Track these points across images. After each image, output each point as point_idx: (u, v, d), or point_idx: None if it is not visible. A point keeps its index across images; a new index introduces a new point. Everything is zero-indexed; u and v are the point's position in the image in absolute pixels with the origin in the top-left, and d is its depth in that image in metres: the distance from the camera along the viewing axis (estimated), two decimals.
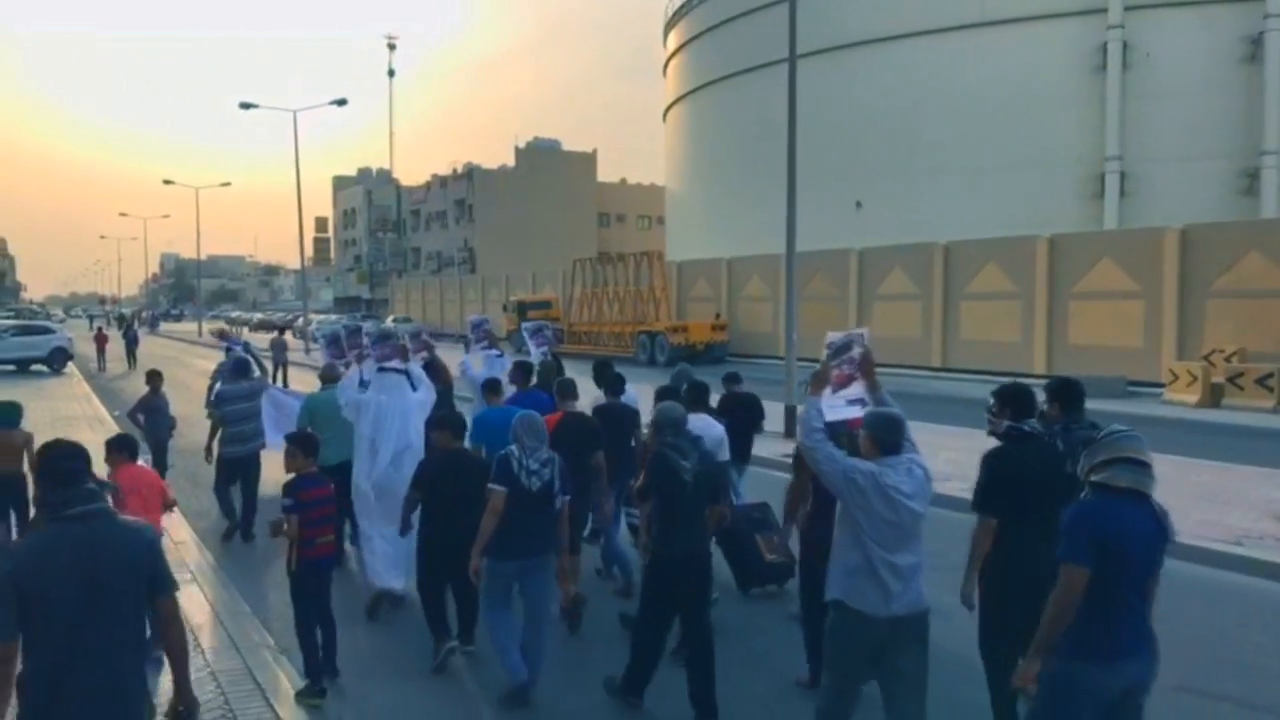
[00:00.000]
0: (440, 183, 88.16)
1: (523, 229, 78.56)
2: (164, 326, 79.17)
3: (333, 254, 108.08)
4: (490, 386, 8.81)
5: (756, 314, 37.55)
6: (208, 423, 11.39)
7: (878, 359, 5.58)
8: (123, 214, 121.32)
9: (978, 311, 29.54)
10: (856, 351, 5.55)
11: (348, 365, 9.09)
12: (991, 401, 5.54)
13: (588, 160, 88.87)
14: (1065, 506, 4.21)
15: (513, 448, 6.02)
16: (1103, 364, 24.61)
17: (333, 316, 62.43)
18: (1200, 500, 11.24)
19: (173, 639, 3.74)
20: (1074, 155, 35.53)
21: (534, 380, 9.64)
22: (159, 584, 3.61)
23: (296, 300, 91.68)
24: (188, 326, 75.45)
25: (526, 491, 5.91)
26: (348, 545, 9.30)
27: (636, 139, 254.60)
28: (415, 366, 8.83)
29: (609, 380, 8.77)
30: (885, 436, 4.72)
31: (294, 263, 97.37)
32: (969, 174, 37.09)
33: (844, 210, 39.92)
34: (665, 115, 61.41)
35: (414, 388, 8.37)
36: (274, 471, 8.65)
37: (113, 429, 16.99)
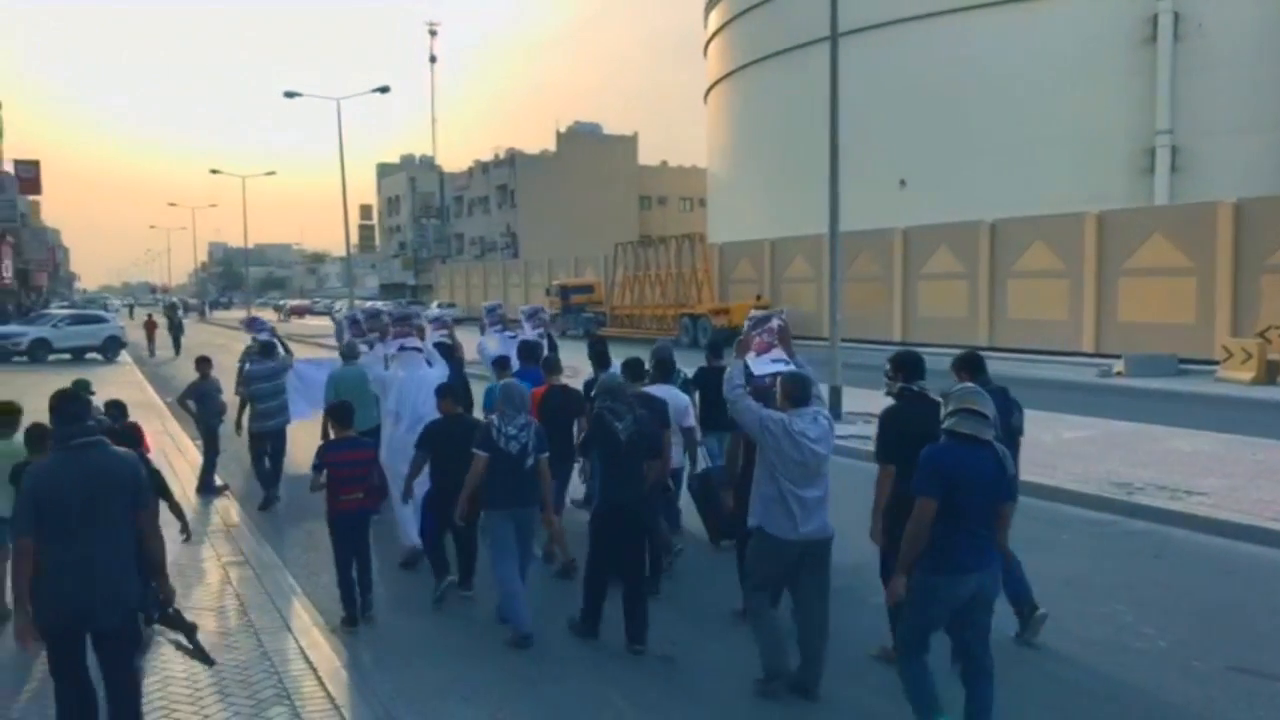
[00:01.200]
0: (482, 168, 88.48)
1: (565, 213, 78.66)
2: (214, 314, 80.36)
3: (378, 241, 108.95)
4: (500, 363, 9.66)
5: (800, 295, 37.35)
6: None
7: (922, 338, 6.32)
8: (172, 204, 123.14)
9: (1025, 290, 29.16)
10: (775, 323, 7.00)
11: (370, 345, 10.04)
12: (888, 367, 6.23)
13: (629, 143, 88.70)
14: None
15: (494, 416, 6.91)
16: (1154, 342, 24.22)
17: (378, 303, 62.95)
18: (1257, 479, 11.03)
19: (150, 546, 4.88)
20: (1123, 130, 34.85)
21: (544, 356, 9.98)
22: (140, 500, 4.81)
23: (343, 287, 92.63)
24: (237, 314, 76.59)
25: (506, 454, 6.73)
26: None
27: (678, 121, 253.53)
28: (430, 345, 9.74)
29: (597, 356, 9.63)
30: (795, 392, 5.75)
31: (340, 250, 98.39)
32: (1015, 150, 36.52)
33: (888, 189, 39.54)
34: (706, 96, 61.14)
35: (429, 364, 9.32)
36: (302, 439, 9.05)
37: (165, 414, 17.26)
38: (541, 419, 7.42)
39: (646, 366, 8.42)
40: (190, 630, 5.55)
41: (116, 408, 7.92)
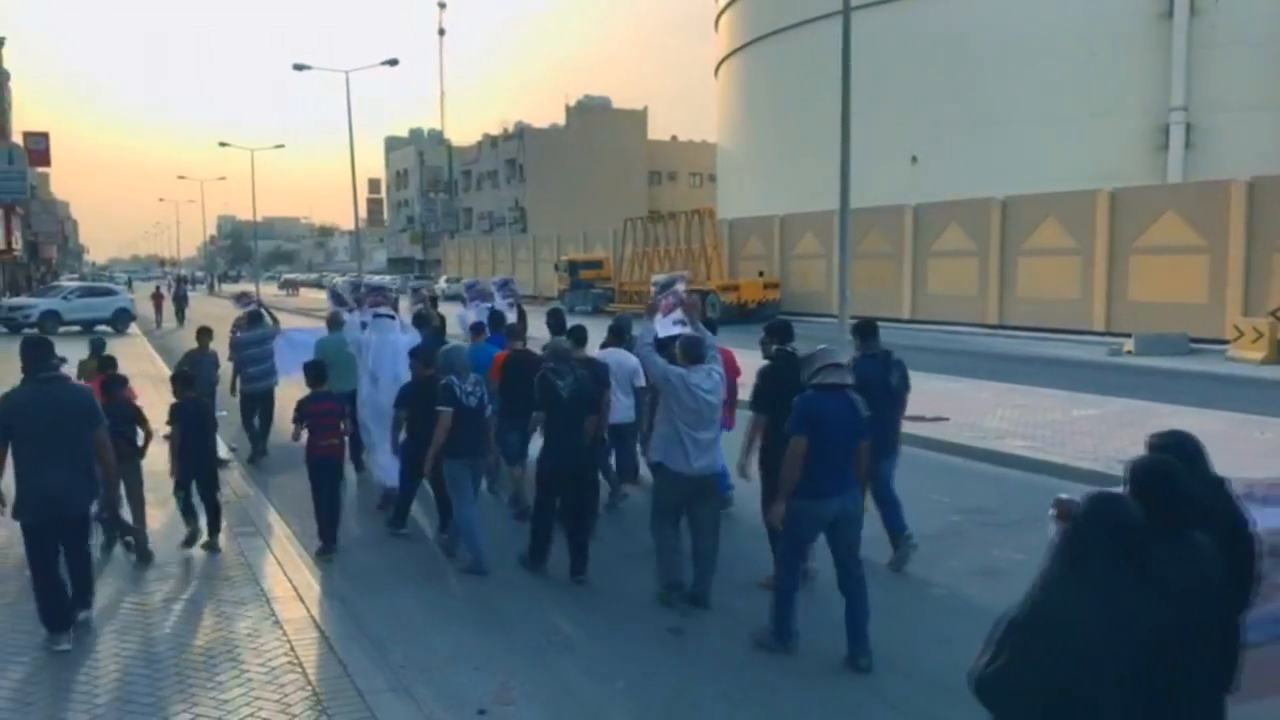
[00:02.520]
0: (491, 143, 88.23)
1: (573, 188, 78.45)
2: (222, 288, 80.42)
3: (386, 215, 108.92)
4: (475, 330, 10.79)
5: (809, 272, 37.27)
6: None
7: (932, 316, 6.89)
8: (181, 177, 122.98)
9: (1036, 268, 29.03)
10: (679, 288, 8.30)
11: (350, 311, 11.15)
12: (763, 334, 7.56)
13: (638, 118, 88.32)
14: None
15: (453, 377, 7.81)
16: (1165, 321, 24.13)
17: (381, 276, 62.98)
18: (1266, 457, 11.01)
19: (102, 457, 6.36)
20: (1137, 106, 34.53)
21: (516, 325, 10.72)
22: (92, 421, 6.30)
23: (351, 261, 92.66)
24: (244, 288, 76.59)
25: (466, 408, 7.76)
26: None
27: (688, 95, 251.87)
28: (395, 312, 10.92)
29: (555, 323, 10.45)
30: (691, 351, 6.81)
31: (348, 224, 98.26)
32: (1028, 127, 36.23)
33: (899, 166, 39.31)
34: (717, 71, 60.77)
35: (402, 330, 10.53)
36: (289, 400, 9.44)
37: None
38: (503, 380, 8.89)
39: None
40: (133, 531, 7.45)
41: (110, 362, 9.34)
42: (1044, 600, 3.04)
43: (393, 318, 10.59)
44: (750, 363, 8.40)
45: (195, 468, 8.30)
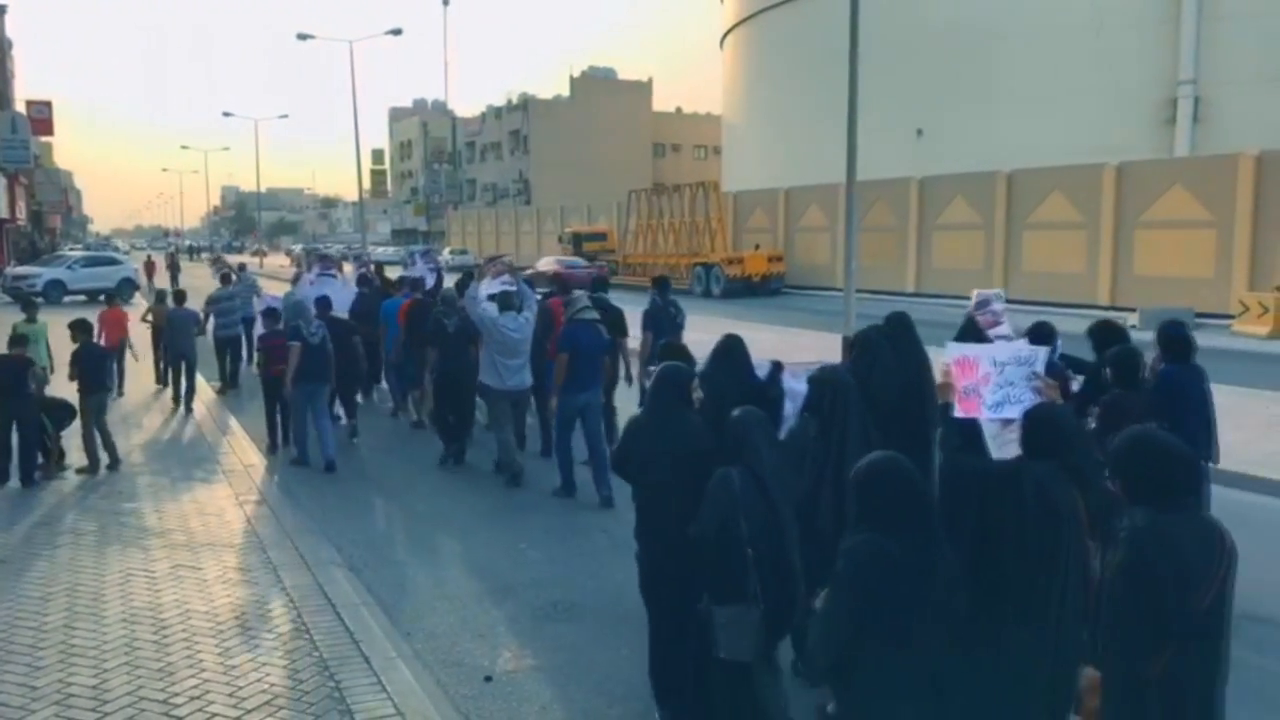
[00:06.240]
0: (495, 114, 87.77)
1: (578, 160, 78.06)
2: (226, 257, 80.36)
3: (389, 186, 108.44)
4: (412, 285, 13.49)
5: (814, 245, 37.13)
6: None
7: (936, 289, 7.07)
8: (184, 146, 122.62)
9: (1041, 242, 28.92)
10: (504, 261, 10.94)
11: (307, 271, 15.48)
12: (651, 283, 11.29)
13: (643, 89, 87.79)
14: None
15: (300, 321, 10.46)
16: (1170, 295, 24.03)
17: (387, 248, 62.91)
18: (1270, 431, 11.02)
19: (43, 401, 9.91)
20: (1145, 79, 34.23)
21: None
22: (26, 381, 9.52)
23: (355, 232, 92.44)
24: (247, 259, 76.51)
25: (311, 344, 10.31)
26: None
27: (693, 67, 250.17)
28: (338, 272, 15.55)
29: (461, 284, 12.03)
30: (504, 303, 9.47)
31: (352, 195, 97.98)
32: (1034, 100, 35.95)
33: (905, 139, 39.04)
34: (723, 42, 60.31)
35: (343, 286, 14.43)
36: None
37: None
38: (406, 321, 11.86)
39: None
40: (58, 457, 10.02)
41: (83, 328, 10.53)
42: None
43: (334, 276, 14.98)
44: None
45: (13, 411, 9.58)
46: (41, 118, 45.15)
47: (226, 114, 58.58)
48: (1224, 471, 9.44)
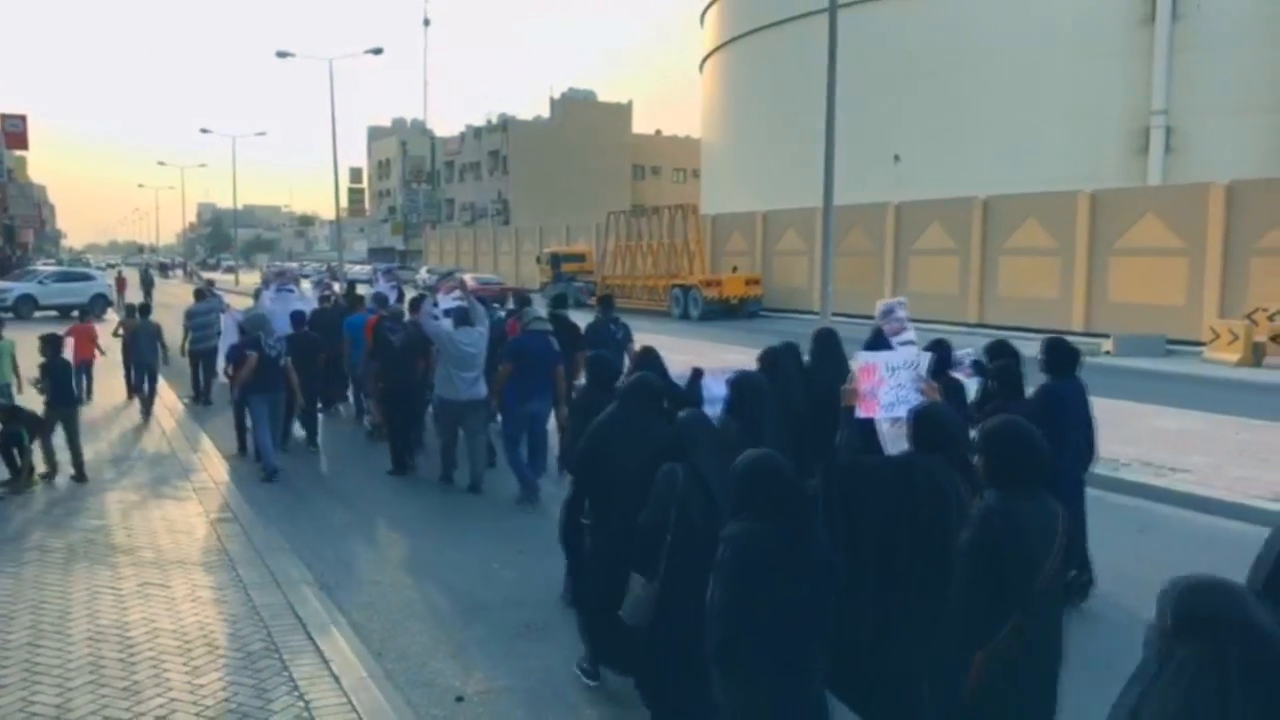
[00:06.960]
0: (474, 134, 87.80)
1: (557, 181, 78.17)
2: (201, 274, 79.86)
3: (367, 205, 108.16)
4: (378, 300, 14.04)
5: (792, 268, 37.29)
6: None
7: (915, 315, 7.94)
8: (161, 163, 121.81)
9: (1016, 267, 29.16)
10: (456, 279, 11.42)
11: (267, 287, 15.87)
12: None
13: (623, 111, 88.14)
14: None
15: (261, 333, 10.86)
16: (1143, 322, 24.29)
17: (365, 266, 62.70)
18: (1240, 457, 11.13)
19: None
20: (1119, 109, 34.71)
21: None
22: None
23: (331, 250, 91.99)
24: (221, 277, 76.08)
25: (269, 357, 10.75)
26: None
27: (673, 90, 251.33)
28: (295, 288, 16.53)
29: (413, 303, 12.48)
30: (460, 319, 9.94)
31: (329, 213, 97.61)
32: (1010, 128, 36.37)
33: (882, 164, 39.38)
34: (702, 66, 60.71)
35: (301, 299, 15.24)
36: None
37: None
38: (374, 338, 11.81)
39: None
40: (29, 473, 9.82)
41: (52, 343, 10.63)
42: None
43: (292, 290, 16.02)
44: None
45: None
46: (15, 131, 44.90)
47: (204, 130, 58.37)
48: (1195, 497, 9.55)
